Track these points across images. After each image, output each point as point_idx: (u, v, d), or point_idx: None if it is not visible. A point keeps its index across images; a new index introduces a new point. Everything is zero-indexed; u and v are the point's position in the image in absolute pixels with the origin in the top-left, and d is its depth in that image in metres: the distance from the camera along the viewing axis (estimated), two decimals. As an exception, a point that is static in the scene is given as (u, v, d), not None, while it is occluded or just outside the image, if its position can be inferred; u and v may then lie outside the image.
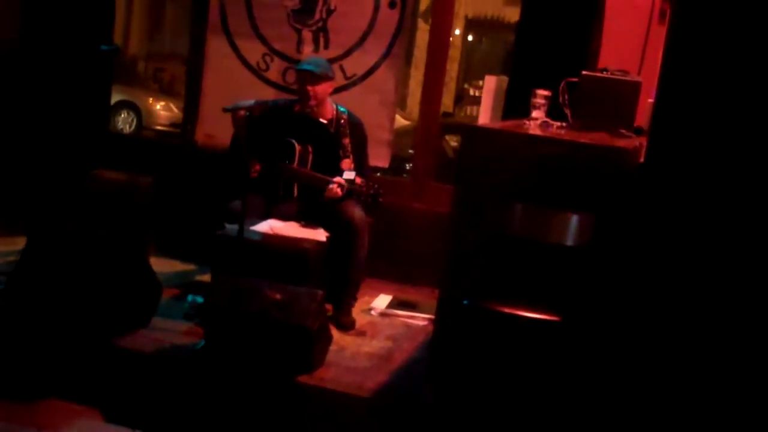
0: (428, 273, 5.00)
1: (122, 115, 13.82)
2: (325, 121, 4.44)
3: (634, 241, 2.91)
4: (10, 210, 5.01)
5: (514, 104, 4.48)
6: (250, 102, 4.52)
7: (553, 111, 3.72)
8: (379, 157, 5.07)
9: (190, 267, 5.02)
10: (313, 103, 4.39)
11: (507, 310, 3.00)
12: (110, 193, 4.76)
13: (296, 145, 4.38)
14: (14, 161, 5.12)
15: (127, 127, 13.71)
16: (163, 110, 13.13)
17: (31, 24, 5.30)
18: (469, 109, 12.57)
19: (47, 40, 5.15)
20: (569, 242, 3.02)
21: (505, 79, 4.98)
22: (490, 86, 5.06)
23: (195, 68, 5.43)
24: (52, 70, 5.16)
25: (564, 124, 3.70)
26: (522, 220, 3.08)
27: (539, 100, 3.74)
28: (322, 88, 4.39)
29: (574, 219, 3.01)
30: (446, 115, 11.17)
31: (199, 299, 4.21)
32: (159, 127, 12.74)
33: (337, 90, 4.94)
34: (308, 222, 4.35)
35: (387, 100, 5.12)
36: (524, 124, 3.66)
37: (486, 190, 3.11)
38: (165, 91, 14.50)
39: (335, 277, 4.31)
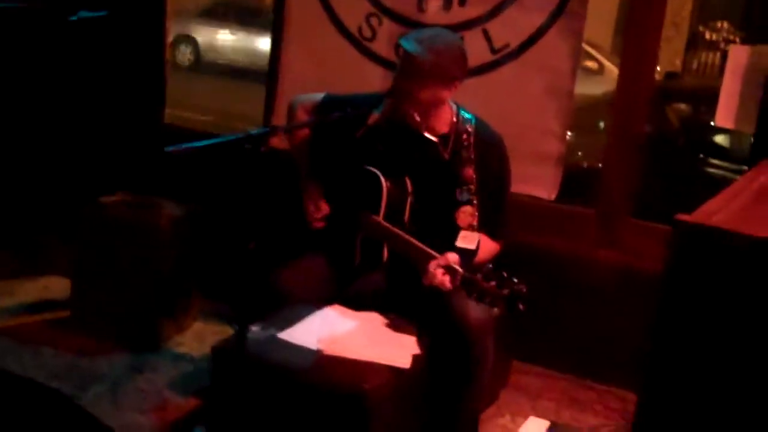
0: (619, 364, 3.07)
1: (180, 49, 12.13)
2: (434, 138, 2.57)
3: None
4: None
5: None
6: (317, 97, 2.76)
7: None
8: (540, 182, 3.14)
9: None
10: (414, 112, 2.52)
11: None
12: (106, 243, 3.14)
13: (382, 180, 2.56)
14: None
15: (187, 60, 12.06)
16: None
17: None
18: (704, 56, 9.68)
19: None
20: None
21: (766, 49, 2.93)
22: (738, 61, 3.11)
23: (279, 36, 3.67)
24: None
25: None
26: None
27: None
28: (433, 94, 2.51)
29: None
30: (670, 75, 8.44)
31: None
32: (222, 62, 11.63)
33: (478, 70, 3.06)
34: (397, 315, 2.56)
35: (559, 86, 3.12)
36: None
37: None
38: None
39: (439, 412, 2.50)
